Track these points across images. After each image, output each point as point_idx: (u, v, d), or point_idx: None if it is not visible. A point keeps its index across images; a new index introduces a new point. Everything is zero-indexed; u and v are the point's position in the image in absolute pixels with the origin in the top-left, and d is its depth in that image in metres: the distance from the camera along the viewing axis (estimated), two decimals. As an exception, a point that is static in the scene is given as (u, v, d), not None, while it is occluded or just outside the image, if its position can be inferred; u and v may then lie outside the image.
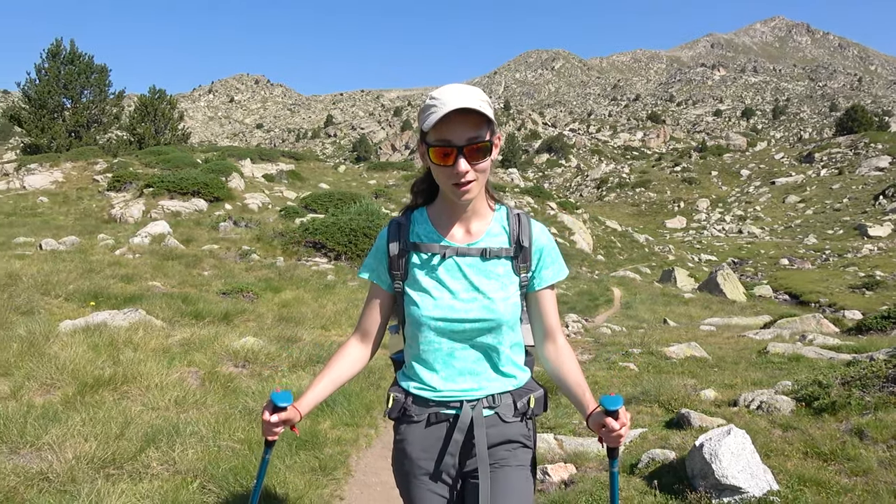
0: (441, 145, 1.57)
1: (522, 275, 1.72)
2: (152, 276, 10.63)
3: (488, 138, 1.60)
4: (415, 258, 1.71)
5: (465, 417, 1.66)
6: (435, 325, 1.66)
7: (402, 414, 1.72)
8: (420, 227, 1.75)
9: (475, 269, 1.68)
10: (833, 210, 60.42)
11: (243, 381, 4.61)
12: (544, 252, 1.74)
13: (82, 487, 2.69)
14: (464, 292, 1.66)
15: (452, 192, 1.62)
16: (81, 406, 3.70)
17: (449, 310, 1.65)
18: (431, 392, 1.69)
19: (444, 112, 1.52)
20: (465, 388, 1.68)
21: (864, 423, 3.41)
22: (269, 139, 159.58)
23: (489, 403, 1.69)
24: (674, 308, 18.57)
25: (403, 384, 1.75)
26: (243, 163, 32.72)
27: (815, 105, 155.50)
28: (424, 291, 1.68)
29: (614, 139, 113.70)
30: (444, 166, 1.59)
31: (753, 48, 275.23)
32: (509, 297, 1.68)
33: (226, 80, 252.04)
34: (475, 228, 1.72)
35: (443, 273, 1.68)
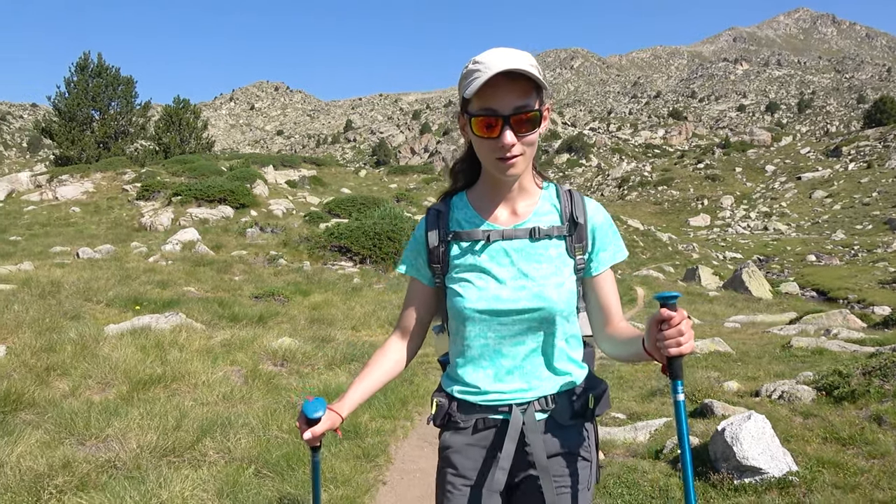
0: (485, 114, 1.41)
1: (578, 257, 1.54)
2: (186, 281, 10.97)
3: (537, 107, 1.44)
4: (455, 248, 1.56)
5: (516, 423, 1.50)
6: (480, 318, 1.51)
7: (447, 420, 1.58)
8: (460, 213, 1.59)
9: (523, 254, 1.52)
10: (862, 205, 59.44)
11: (284, 378, 4.86)
12: (601, 230, 1.57)
13: (148, 473, 2.93)
14: (511, 280, 1.50)
15: (496, 167, 1.47)
16: (137, 402, 3.96)
17: (495, 300, 1.50)
18: (477, 395, 1.54)
19: (488, 76, 1.37)
20: (514, 389, 1.53)
21: (882, 409, 3.56)
22: (290, 145, 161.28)
23: (542, 406, 1.53)
24: (698, 306, 18.53)
25: (447, 387, 1.61)
26: (266, 170, 33.20)
27: (842, 97, 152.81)
28: (467, 282, 1.52)
29: (635, 137, 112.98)
30: (487, 138, 1.43)
31: (777, 41, 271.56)
32: (564, 283, 1.51)
33: (246, 88, 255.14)
34: (522, 209, 1.56)
35: (486, 260, 1.53)
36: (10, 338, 5.54)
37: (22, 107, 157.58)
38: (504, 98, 1.40)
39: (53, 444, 3.25)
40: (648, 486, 2.91)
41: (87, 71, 32.45)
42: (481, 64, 1.39)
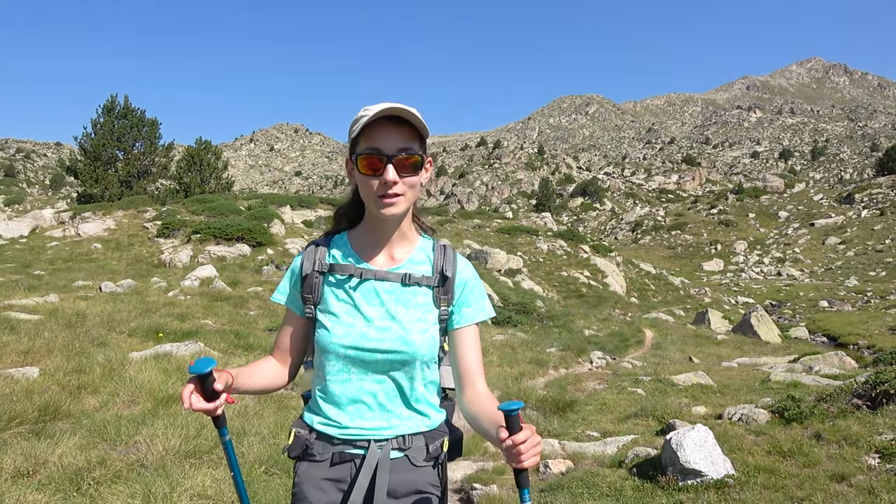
0: (370, 153, 1.50)
1: (443, 308, 1.62)
2: (203, 315, 11.48)
3: (420, 152, 1.53)
4: (329, 279, 1.61)
5: (372, 459, 1.54)
6: (345, 354, 1.55)
7: (304, 452, 1.60)
8: (338, 250, 1.65)
9: (393, 296, 1.58)
10: (875, 251, 59.28)
11: (294, 400, 5.31)
12: (467, 287, 1.65)
13: (172, 471, 3.38)
14: (379, 320, 1.56)
15: (378, 204, 1.53)
16: (161, 416, 4.42)
17: (361, 338, 1.54)
18: (337, 429, 1.57)
19: (373, 116, 1.47)
20: (374, 427, 1.57)
21: (823, 428, 3.96)
22: (308, 186, 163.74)
23: (399, 445, 1.58)
24: (705, 349, 18.68)
25: (307, 419, 1.63)
26: (283, 209, 34.02)
27: (856, 145, 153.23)
28: (335, 316, 1.57)
29: (649, 182, 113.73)
30: (371, 176, 1.51)
31: (790, 90, 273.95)
32: (427, 330, 1.58)
33: (266, 130, 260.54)
34: (398, 255, 1.64)
35: (358, 298, 1.58)
36: (42, 361, 6.05)
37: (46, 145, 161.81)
38: (388, 139, 1.50)
39: (89, 447, 3.72)
40: (606, 487, 3.33)
41: (114, 112, 33.78)
42: (369, 109, 1.50)
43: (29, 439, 3.79)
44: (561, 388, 7.10)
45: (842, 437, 3.83)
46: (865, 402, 4.27)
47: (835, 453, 3.67)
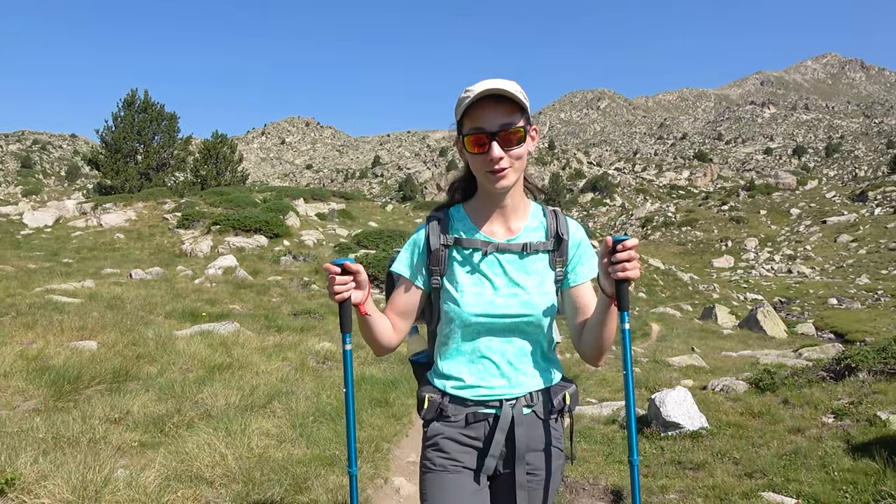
0: (475, 132, 1.60)
1: (558, 270, 1.73)
2: (230, 301, 12.18)
3: (522, 125, 1.62)
4: (455, 254, 1.72)
5: (507, 416, 1.66)
6: (475, 321, 1.66)
7: (439, 414, 1.72)
8: (459, 223, 1.76)
9: (515, 265, 1.70)
10: (888, 250, 58.99)
11: (327, 371, 5.99)
12: (580, 247, 1.76)
13: (234, 420, 4.04)
14: (504, 288, 1.68)
15: (488, 179, 1.63)
16: (216, 380, 5.09)
17: (490, 305, 1.66)
18: (470, 391, 1.69)
19: (474, 98, 1.57)
20: (502, 385, 1.69)
21: (790, 395, 4.60)
22: (319, 179, 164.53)
23: (527, 402, 1.70)
24: (710, 342, 19.20)
25: (439, 384, 1.74)
26: (297, 202, 34.63)
27: (871, 142, 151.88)
28: (465, 286, 1.68)
29: (660, 178, 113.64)
30: (478, 154, 1.61)
31: (804, 85, 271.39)
32: (548, 292, 1.70)
33: (277, 123, 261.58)
34: (514, 224, 1.74)
35: (484, 268, 1.69)
36: (97, 336, 6.74)
37: (61, 137, 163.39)
38: (490, 117, 1.59)
39: (161, 401, 4.39)
40: (600, 437, 3.98)
41: (134, 107, 34.61)
42: (470, 90, 1.59)
43: (109, 395, 4.47)
44: (567, 367, 7.77)
45: (805, 402, 4.50)
46: (830, 374, 4.91)
47: (797, 414, 4.36)
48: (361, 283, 1.61)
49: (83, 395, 4.49)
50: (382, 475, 3.64)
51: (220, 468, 3.20)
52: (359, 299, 1.60)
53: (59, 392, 4.35)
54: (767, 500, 3.28)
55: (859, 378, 4.85)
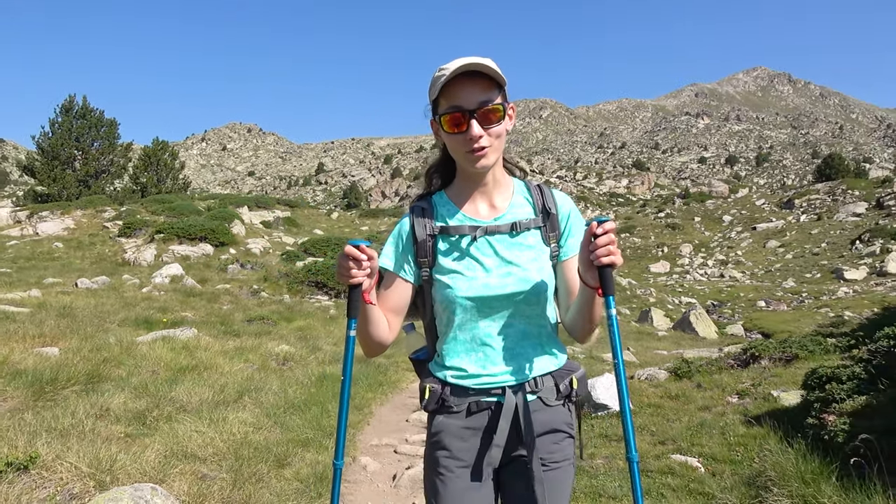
0: (452, 111, 1.55)
1: (553, 244, 1.67)
2: (181, 308, 12.31)
3: (500, 102, 1.57)
4: (442, 243, 1.66)
5: (510, 404, 1.59)
6: (471, 306, 1.60)
7: (441, 405, 1.65)
8: (443, 209, 1.70)
9: (506, 244, 1.64)
10: (812, 254, 61.75)
11: (288, 371, 6.38)
12: (570, 217, 1.71)
13: (207, 413, 4.42)
14: (497, 268, 1.61)
15: (468, 160, 1.58)
16: (185, 380, 5.43)
17: (484, 288, 1.60)
18: (471, 379, 1.62)
19: (450, 74, 1.51)
20: (505, 371, 1.61)
21: (703, 380, 5.33)
22: (261, 186, 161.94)
23: (532, 388, 1.62)
24: (646, 343, 20.24)
25: (439, 374, 1.67)
26: (242, 210, 34.41)
27: (798, 152, 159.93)
28: (456, 272, 1.62)
29: (600, 186, 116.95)
30: (456, 133, 1.56)
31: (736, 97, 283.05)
32: (543, 267, 1.64)
33: (218, 129, 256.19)
34: (499, 202, 1.69)
35: (474, 252, 1.63)
36: (59, 343, 6.93)
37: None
38: (468, 95, 1.53)
39: (138, 399, 4.71)
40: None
41: (72, 112, 33.77)
42: (445, 68, 1.53)
43: (86, 395, 4.77)
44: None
45: (715, 386, 5.25)
46: (738, 363, 5.68)
47: (707, 395, 5.10)
48: (372, 269, 1.55)
49: (61, 395, 4.76)
50: (351, 454, 4.12)
51: (211, 448, 3.59)
52: (367, 286, 1.56)
53: (39, 393, 4.62)
54: (675, 460, 3.99)
55: (762, 365, 5.69)
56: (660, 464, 4.05)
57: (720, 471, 3.85)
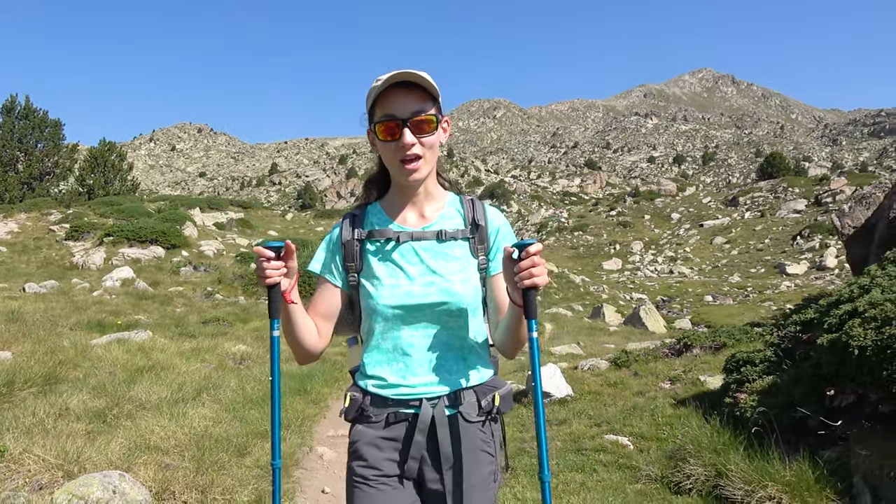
0: (385, 120, 1.57)
1: (480, 257, 1.67)
2: (134, 312, 12.22)
3: (434, 113, 1.60)
4: (369, 246, 1.67)
5: (426, 416, 1.57)
6: (392, 314, 1.60)
7: (360, 415, 1.64)
8: (374, 217, 1.71)
9: (432, 252, 1.64)
10: (756, 250, 63.76)
11: (246, 370, 6.52)
12: (500, 232, 1.71)
13: (168, 410, 4.56)
14: (421, 277, 1.61)
15: (400, 170, 1.60)
16: (142, 380, 5.54)
17: (406, 296, 1.60)
18: (390, 389, 1.61)
19: (384, 84, 1.54)
20: (425, 383, 1.60)
21: (640, 368, 5.75)
22: (213, 187, 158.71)
23: (451, 402, 1.61)
24: (597, 338, 20.83)
25: (361, 382, 1.67)
26: (193, 212, 33.87)
27: (742, 151, 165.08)
28: (379, 279, 1.62)
29: (553, 185, 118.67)
30: (389, 142, 1.58)
31: (683, 98, 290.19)
32: (469, 279, 1.63)
33: (167, 129, 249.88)
34: (429, 212, 1.70)
35: (398, 259, 1.64)
36: (11, 347, 6.91)
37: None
38: (402, 104, 1.56)
39: (97, 398, 4.82)
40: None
41: (14, 113, 32.72)
42: (380, 79, 1.56)
43: (44, 396, 4.86)
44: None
45: (650, 373, 5.68)
46: (672, 352, 6.11)
47: (642, 382, 5.54)
48: (291, 269, 1.58)
49: (18, 396, 4.83)
50: (308, 444, 4.34)
51: (173, 440, 3.75)
52: (286, 286, 1.56)
53: (-4, 394, 4.69)
54: (607, 439, 4.37)
55: (693, 353, 6.15)
56: (594, 443, 4.45)
57: (647, 447, 4.27)
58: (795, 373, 3.68)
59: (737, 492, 3.14)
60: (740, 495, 3.10)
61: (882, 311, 3.02)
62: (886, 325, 2.91)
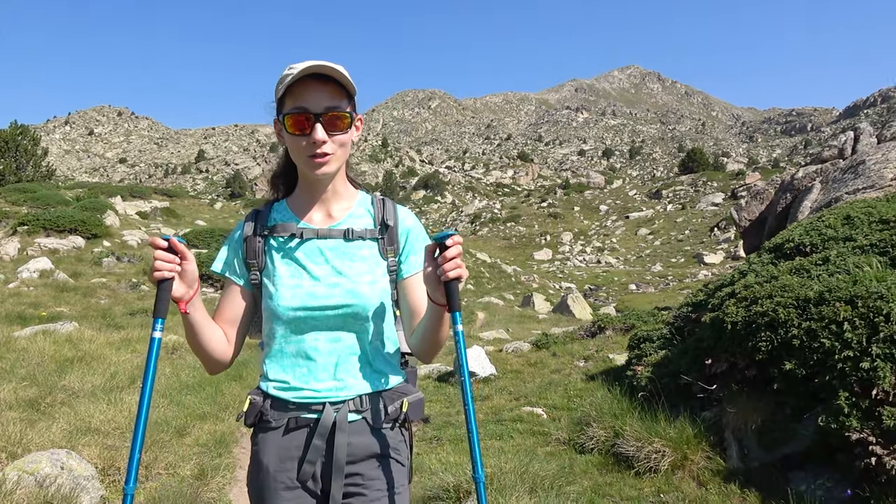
0: (296, 112, 1.48)
1: (390, 259, 1.60)
2: (55, 304, 11.90)
3: (349, 110, 1.52)
4: (272, 242, 1.59)
5: (327, 421, 1.50)
6: (294, 316, 1.52)
7: (259, 419, 1.56)
8: (278, 214, 1.63)
9: (338, 252, 1.56)
10: (677, 241, 66.53)
11: (178, 359, 6.62)
12: (411, 234, 1.64)
13: (104, 396, 4.67)
14: (325, 277, 1.54)
15: (309, 165, 1.52)
16: (73, 370, 5.58)
17: (309, 297, 1.52)
18: (291, 392, 1.53)
19: (298, 74, 1.45)
20: (329, 388, 1.53)
21: (558, 349, 6.27)
22: (135, 174, 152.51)
23: (356, 407, 1.53)
24: (526, 325, 21.58)
25: (262, 385, 1.58)
26: (115, 200, 32.73)
27: (666, 146, 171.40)
28: (281, 278, 1.54)
29: (487, 176, 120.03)
30: (299, 135, 1.49)
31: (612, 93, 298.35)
32: (376, 281, 1.56)
33: (85, 112, 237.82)
34: (336, 212, 1.62)
35: (302, 257, 1.57)
36: (-76, 340, 6.75)
37: None
38: (315, 98, 1.46)
39: (28, 388, 4.87)
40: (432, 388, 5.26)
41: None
42: (294, 67, 1.46)
43: (-29, 385, 4.85)
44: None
45: (567, 353, 6.25)
46: (588, 334, 6.67)
47: (559, 361, 6.12)
48: (187, 273, 1.47)
49: (-57, 387, 4.82)
50: (242, 427, 4.53)
51: (113, 424, 3.88)
52: (180, 293, 1.45)
53: (-84, 387, 4.66)
54: (524, 411, 4.89)
55: (606, 335, 6.73)
56: (512, 414, 4.96)
57: (559, 416, 4.79)
58: (683, 346, 4.19)
59: (630, 448, 3.62)
60: (632, 451, 3.59)
61: (752, 292, 3.53)
62: (754, 304, 3.41)
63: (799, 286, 3.35)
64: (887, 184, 5.73)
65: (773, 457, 3.25)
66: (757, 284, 3.60)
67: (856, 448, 2.83)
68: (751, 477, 3.23)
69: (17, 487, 2.55)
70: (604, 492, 3.32)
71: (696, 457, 3.42)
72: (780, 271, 3.82)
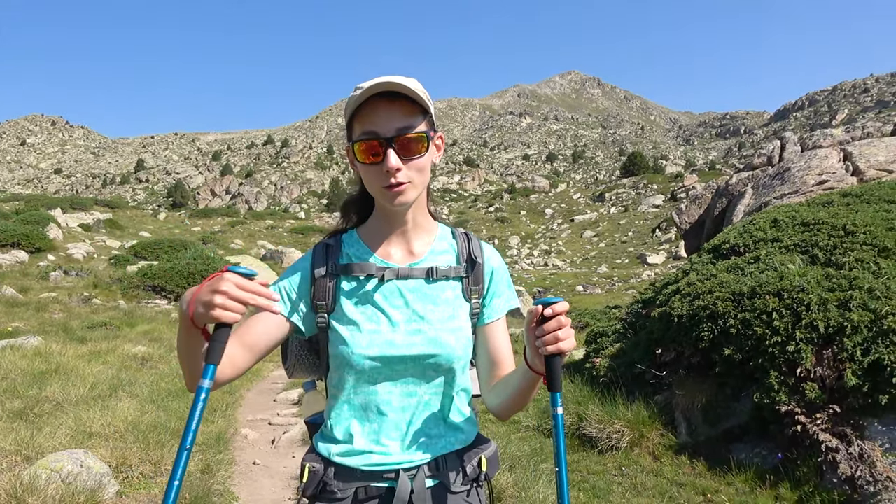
0: (366, 138, 1.31)
1: (474, 300, 1.42)
2: (9, 320, 11.69)
3: (424, 129, 1.33)
4: (345, 284, 1.40)
5: (404, 493, 1.33)
6: (370, 366, 1.33)
7: (321, 490, 1.36)
8: (351, 249, 1.44)
9: (419, 294, 1.39)
10: (621, 242, 68.31)
11: (152, 368, 6.76)
12: (496, 273, 1.47)
13: (93, 404, 4.84)
14: (405, 323, 1.36)
15: (384, 196, 1.33)
16: (50, 382, 5.69)
17: (387, 345, 1.34)
18: (360, 457, 1.35)
19: (363, 94, 1.29)
20: (401, 450, 1.36)
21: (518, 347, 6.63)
22: (71, 185, 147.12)
23: (432, 471, 1.37)
24: (479, 328, 22.19)
25: (323, 449, 1.40)
26: (55, 212, 31.88)
27: (608, 150, 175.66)
28: (355, 324, 1.35)
29: (434, 182, 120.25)
30: (371, 164, 1.31)
31: (554, 98, 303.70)
32: (462, 328, 1.39)
33: (15, 122, 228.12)
34: (418, 247, 1.44)
35: (380, 300, 1.38)
36: None
37: None
38: (385, 119, 1.31)
39: (11, 400, 4.98)
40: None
41: None
42: (360, 87, 1.30)
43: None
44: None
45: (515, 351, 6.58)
46: None
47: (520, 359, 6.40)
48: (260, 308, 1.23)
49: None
50: (233, 427, 4.78)
51: (112, 428, 4.06)
52: None
53: None
54: None
55: None
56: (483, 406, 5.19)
57: (527, 407, 5.08)
58: (636, 339, 4.66)
59: (592, 430, 4.07)
60: (595, 432, 4.04)
61: (694, 288, 4.02)
62: (696, 299, 3.90)
63: (735, 282, 3.85)
64: (809, 189, 6.37)
65: (716, 431, 3.74)
66: (698, 282, 4.09)
67: (784, 419, 3.33)
68: (698, 449, 3.71)
69: (48, 483, 2.78)
70: (572, 468, 3.75)
71: (651, 434, 3.89)
72: (719, 269, 4.32)
